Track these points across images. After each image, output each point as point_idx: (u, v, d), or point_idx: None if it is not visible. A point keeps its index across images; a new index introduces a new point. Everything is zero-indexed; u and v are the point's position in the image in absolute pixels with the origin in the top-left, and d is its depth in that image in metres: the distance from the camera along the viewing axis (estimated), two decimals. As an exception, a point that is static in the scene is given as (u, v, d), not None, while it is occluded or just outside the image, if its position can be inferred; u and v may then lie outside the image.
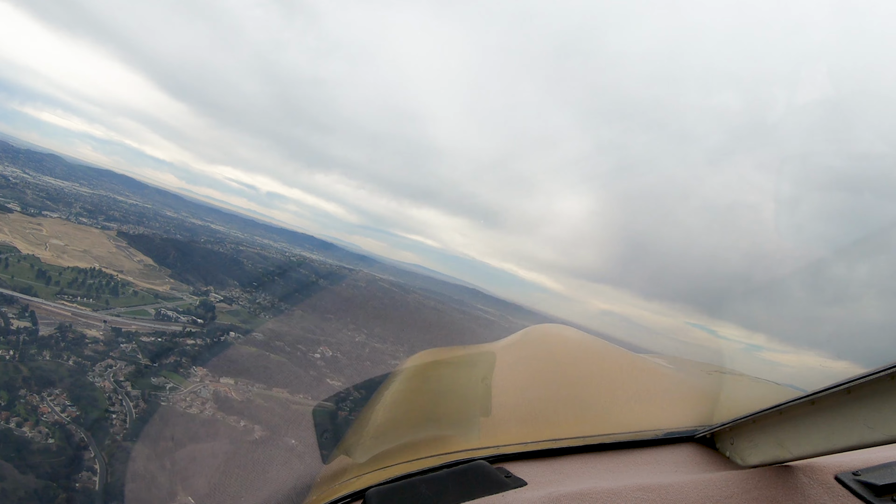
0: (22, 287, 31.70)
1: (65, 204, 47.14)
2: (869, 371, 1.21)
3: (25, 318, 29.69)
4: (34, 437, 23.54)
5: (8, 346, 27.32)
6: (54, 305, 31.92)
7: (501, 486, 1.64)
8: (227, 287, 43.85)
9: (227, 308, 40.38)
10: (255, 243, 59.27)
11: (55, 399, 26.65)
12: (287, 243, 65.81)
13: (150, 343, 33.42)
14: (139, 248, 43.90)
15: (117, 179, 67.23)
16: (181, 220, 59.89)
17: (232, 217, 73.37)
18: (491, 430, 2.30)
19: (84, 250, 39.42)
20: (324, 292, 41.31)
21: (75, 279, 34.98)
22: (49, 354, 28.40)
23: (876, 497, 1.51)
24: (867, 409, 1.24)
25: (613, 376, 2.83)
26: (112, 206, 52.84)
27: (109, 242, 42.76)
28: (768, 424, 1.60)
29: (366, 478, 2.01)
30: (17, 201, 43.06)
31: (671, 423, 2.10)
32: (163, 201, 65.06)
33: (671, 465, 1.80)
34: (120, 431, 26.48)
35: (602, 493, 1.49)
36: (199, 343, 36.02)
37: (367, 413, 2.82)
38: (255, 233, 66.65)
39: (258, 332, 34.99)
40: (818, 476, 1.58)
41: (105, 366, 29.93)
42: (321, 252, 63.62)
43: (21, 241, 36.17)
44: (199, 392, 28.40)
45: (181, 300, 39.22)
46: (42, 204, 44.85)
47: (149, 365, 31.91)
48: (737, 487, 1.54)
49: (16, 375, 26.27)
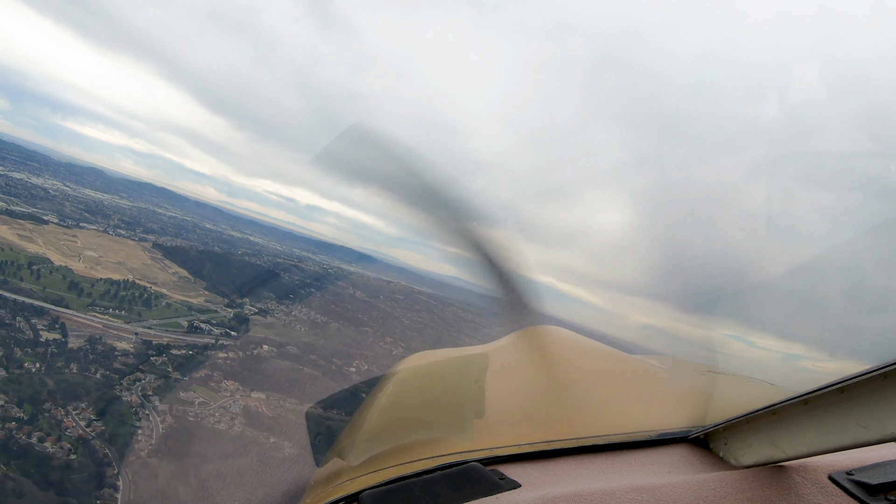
0: (53, 298, 31.38)
1: (103, 216, 47.33)
2: (862, 370, 1.22)
3: (55, 329, 29.24)
4: (56, 452, 22.97)
5: (35, 359, 26.79)
6: (85, 317, 31.49)
7: (495, 488, 1.65)
8: (263, 299, 43.05)
9: (261, 320, 39.63)
10: (293, 255, 58.91)
11: (80, 413, 25.99)
12: (325, 255, 65.24)
13: (181, 356, 32.64)
14: (174, 259, 43.64)
15: (157, 192, 67.69)
16: (220, 232, 59.86)
17: (271, 229, 73.31)
18: (484, 432, 2.26)
19: (118, 262, 39.19)
20: (360, 304, 41.12)
21: (108, 291, 34.61)
22: (76, 367, 27.80)
23: (870, 496, 1.52)
24: (860, 408, 1.25)
25: (607, 377, 2.82)
26: (151, 219, 52.97)
27: (144, 254, 42.56)
28: (762, 424, 1.62)
29: (360, 480, 2.02)
30: (56, 213, 43.26)
31: (665, 423, 2.11)
32: (202, 214, 65.15)
33: (665, 466, 1.81)
34: (145, 447, 25.60)
35: (596, 495, 1.51)
36: (231, 356, 35.09)
37: (361, 415, 2.81)
38: (294, 245, 66.23)
39: (292, 346, 34.70)
40: (812, 476, 1.59)
41: (133, 379, 29.22)
42: (360, 264, 62.66)
43: (55, 253, 36.04)
44: (229, 407, 27.75)
45: (215, 312, 38.61)
46: (80, 216, 45.04)
47: (178, 379, 31.04)
48: (731, 488, 1.56)
49: (41, 388, 25.69)
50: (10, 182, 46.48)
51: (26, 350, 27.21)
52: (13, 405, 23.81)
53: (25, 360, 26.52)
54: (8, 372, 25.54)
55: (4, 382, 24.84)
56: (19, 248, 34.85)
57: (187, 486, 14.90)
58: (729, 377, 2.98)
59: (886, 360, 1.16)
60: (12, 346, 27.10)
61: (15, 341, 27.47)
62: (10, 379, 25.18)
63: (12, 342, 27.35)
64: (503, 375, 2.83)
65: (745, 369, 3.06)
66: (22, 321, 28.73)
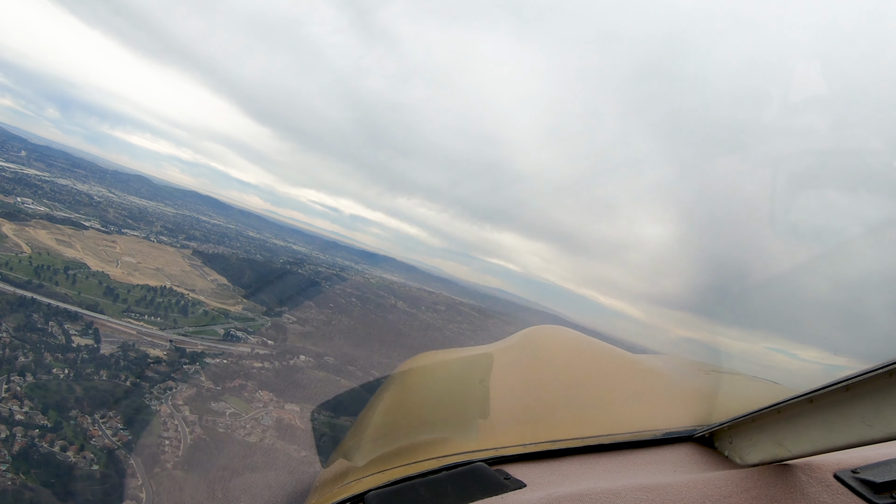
0: (88, 303, 31.17)
1: (146, 223, 47.83)
2: (867, 368, 1.22)
3: (88, 335, 28.87)
4: (78, 462, 22.41)
5: (65, 364, 26.27)
6: (119, 323, 31.18)
7: (500, 488, 1.66)
8: (302, 308, 42.37)
9: (299, 330, 39.01)
10: (336, 265, 58.96)
11: (107, 422, 25.28)
12: (368, 265, 65.42)
13: (215, 365, 31.95)
14: (214, 266, 43.51)
15: (202, 200, 68.66)
16: (263, 240, 60.27)
17: (314, 238, 73.77)
18: (489, 432, 2.29)
19: (156, 268, 39.05)
20: (402, 315, 41.56)
21: (144, 297, 34.34)
22: (106, 374, 27.16)
23: (875, 494, 1.51)
24: (866, 406, 1.25)
25: (611, 377, 2.82)
26: (194, 226, 53.43)
27: (184, 261, 42.48)
28: (767, 423, 1.63)
29: (365, 481, 2.05)
30: (98, 219, 43.67)
31: (670, 422, 2.11)
32: (246, 222, 65.75)
33: (670, 465, 1.82)
34: (172, 459, 24.90)
35: (601, 494, 1.51)
36: (267, 366, 34.41)
37: (366, 416, 2.84)
38: (337, 254, 66.56)
39: (330, 356, 34.59)
40: (817, 474, 1.59)
41: (164, 388, 28.58)
42: (402, 274, 62.82)
43: (92, 258, 36.02)
44: (261, 419, 27.20)
45: (252, 321, 38.10)
46: (123, 222, 45.50)
47: (211, 388, 30.29)
48: (736, 486, 1.56)
49: (68, 395, 25.17)
50: (56, 188, 47.27)
51: (56, 355, 26.85)
52: (37, 412, 23.29)
53: (55, 366, 26.14)
54: (35, 377, 25.14)
55: (31, 388, 24.42)
56: (56, 252, 34.92)
57: (213, 500, 14.35)
58: (733, 376, 2.99)
59: (892, 359, 1.15)
60: (43, 350, 26.75)
61: (46, 346, 27.13)
62: (37, 385, 24.74)
63: (43, 347, 27.02)
64: (508, 375, 2.83)
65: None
66: (55, 326, 28.47)
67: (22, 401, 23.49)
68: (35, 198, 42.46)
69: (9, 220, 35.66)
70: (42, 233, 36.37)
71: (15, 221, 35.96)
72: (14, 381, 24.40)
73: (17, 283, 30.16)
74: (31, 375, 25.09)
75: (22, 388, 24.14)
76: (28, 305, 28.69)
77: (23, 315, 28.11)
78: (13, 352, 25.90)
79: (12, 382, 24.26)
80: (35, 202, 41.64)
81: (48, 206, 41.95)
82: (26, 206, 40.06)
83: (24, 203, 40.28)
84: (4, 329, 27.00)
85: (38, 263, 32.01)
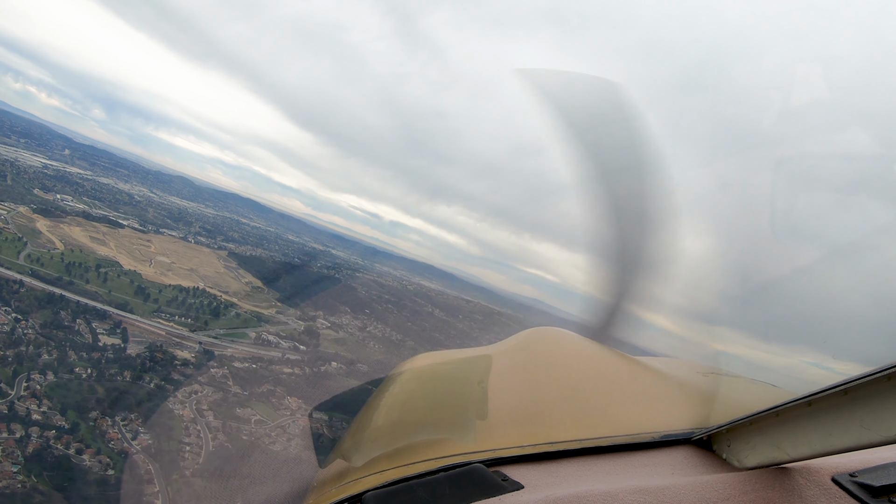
0: (118, 302, 30.97)
1: (185, 223, 48.15)
2: (866, 372, 1.23)
3: (116, 334, 28.57)
4: (92, 466, 21.80)
5: (88, 364, 25.82)
6: (149, 323, 30.88)
7: (498, 490, 1.65)
8: (337, 313, 41.74)
9: (333, 335, 38.30)
10: (374, 270, 58.56)
11: (128, 425, 24.60)
12: (407, 272, 65.03)
13: (244, 369, 31.34)
14: (249, 269, 43.30)
15: (243, 202, 69.39)
16: (302, 244, 60.44)
17: (354, 243, 73.85)
18: (487, 434, 2.28)
19: (190, 269, 38.87)
20: (438, 323, 41.46)
21: (175, 297, 34.05)
22: (130, 375, 26.54)
23: (873, 498, 1.52)
24: (864, 410, 1.26)
25: (610, 379, 2.82)
26: (233, 228, 53.73)
27: (219, 262, 42.31)
28: (765, 426, 1.63)
29: (363, 481, 2.03)
30: (137, 218, 44.02)
31: (668, 425, 2.09)
32: (286, 225, 66.11)
33: (668, 468, 1.81)
34: (191, 465, 24.26)
35: (599, 496, 1.51)
36: (297, 372, 33.69)
37: (364, 416, 2.83)
38: (376, 260, 66.43)
39: (363, 363, 33.26)
40: (815, 478, 1.59)
41: (189, 391, 27.94)
42: (440, 282, 62.24)
43: (125, 257, 35.95)
44: (287, 427, 26.60)
45: (285, 324, 37.63)
46: (162, 221, 45.83)
47: (238, 393, 29.58)
48: (734, 489, 1.56)
49: (89, 396, 24.64)
50: (97, 186, 47.93)
51: (81, 354, 26.52)
52: (56, 412, 22.82)
53: (77, 365, 25.77)
54: (57, 376, 24.76)
55: (51, 387, 24.06)
56: (89, 249, 34.94)
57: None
58: (732, 379, 3.00)
59: (890, 363, 1.16)
60: (67, 348, 26.45)
61: (71, 344, 26.82)
62: (57, 384, 24.37)
63: (68, 345, 26.71)
64: (506, 376, 2.84)
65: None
66: (82, 324, 28.22)
67: (41, 400, 23.13)
68: (75, 195, 43.00)
69: (44, 217, 35.94)
70: (76, 230, 36.51)
71: (50, 218, 36.23)
72: (34, 379, 24.09)
73: (48, 279, 30.11)
74: (53, 374, 24.75)
75: (42, 387, 23.80)
76: (56, 302, 28.54)
77: (50, 312, 27.94)
78: (37, 349, 25.64)
79: (32, 381, 23.94)
80: (74, 199, 42.12)
81: (87, 203, 42.40)
82: (65, 203, 40.49)
83: (64, 200, 40.74)
84: (31, 325, 26.79)
85: (69, 260, 32.02)
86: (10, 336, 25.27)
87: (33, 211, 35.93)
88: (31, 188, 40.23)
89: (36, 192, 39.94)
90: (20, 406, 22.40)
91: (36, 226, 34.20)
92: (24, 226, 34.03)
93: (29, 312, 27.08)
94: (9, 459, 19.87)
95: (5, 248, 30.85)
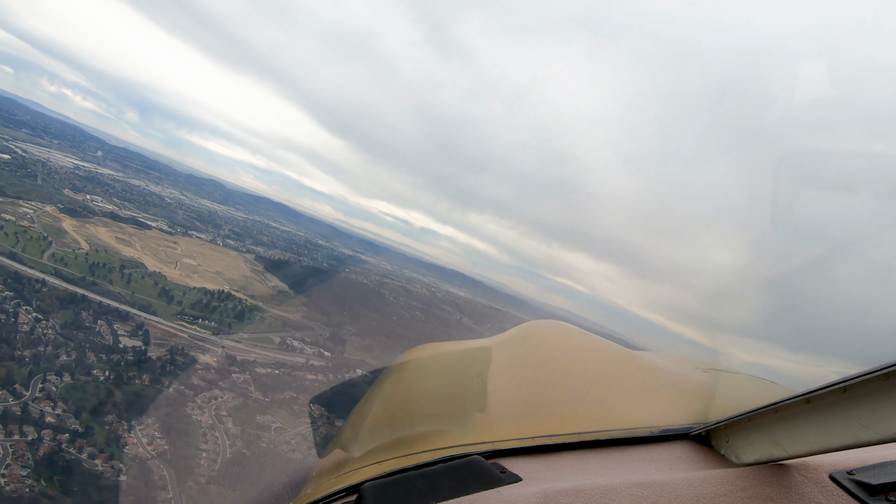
0: (141, 304, 30.69)
1: (214, 225, 48.26)
2: (865, 370, 1.22)
3: (137, 336, 28.25)
4: (105, 471, 21.11)
5: (107, 366, 25.41)
6: (171, 325, 30.56)
7: (496, 482, 1.63)
8: (364, 319, 41.00)
9: (359, 342, 37.63)
10: (403, 276, 58.14)
11: (145, 429, 24.11)
12: (436, 278, 64.58)
13: (266, 375, 30.74)
14: (276, 273, 43.03)
15: (274, 207, 69.67)
16: (331, 249, 60.40)
17: (383, 249, 73.62)
18: (486, 426, 2.28)
19: (216, 272, 38.64)
20: (467, 332, 41.19)
21: (199, 300, 33.74)
22: (149, 378, 26.05)
23: (870, 496, 1.49)
24: (863, 408, 1.25)
25: (609, 373, 2.78)
26: (263, 231, 53.78)
27: (245, 266, 42.09)
28: (764, 423, 1.60)
29: (361, 472, 2.05)
30: (166, 220, 44.16)
31: (666, 420, 2.07)
32: (316, 230, 66.14)
33: (666, 463, 1.80)
34: (207, 473, 23.70)
35: (597, 490, 1.50)
36: (321, 379, 32.96)
37: (363, 407, 2.88)
38: (405, 266, 66.12)
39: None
40: (813, 475, 1.56)
41: (209, 396, 27.39)
42: (469, 289, 61.42)
43: (151, 258, 35.82)
44: (309, 435, 25.40)
45: (311, 330, 37.14)
46: (191, 224, 45.95)
47: (259, 399, 28.97)
48: (732, 485, 1.54)
49: (106, 399, 24.13)
50: (128, 188, 48.36)
51: (100, 356, 26.14)
52: (70, 415, 22.39)
53: (96, 367, 25.35)
54: (74, 378, 24.38)
55: (67, 389, 23.71)
56: (114, 250, 34.86)
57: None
58: (731, 375, 2.99)
59: (890, 361, 1.14)
60: (87, 350, 26.11)
61: (91, 345, 26.52)
62: (73, 386, 24.04)
63: (88, 346, 26.41)
64: (506, 369, 2.82)
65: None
66: (103, 325, 27.94)
67: (56, 402, 22.83)
68: (105, 196, 43.31)
69: (70, 216, 36.03)
70: (102, 230, 36.49)
71: (76, 217, 36.31)
72: (50, 380, 23.80)
73: (70, 279, 30.00)
74: (70, 376, 24.45)
75: (58, 389, 23.50)
76: (78, 303, 28.36)
77: (71, 312, 27.74)
78: (55, 349, 25.40)
79: (48, 382, 23.61)
80: (104, 200, 42.38)
81: (117, 204, 42.64)
82: (94, 203, 40.74)
83: (93, 200, 41.02)
84: (50, 325, 26.58)
85: (93, 261, 31.90)
86: (29, 336, 25.10)
87: (60, 210, 36.09)
88: (62, 188, 40.64)
89: (66, 192, 40.33)
90: (34, 408, 22.11)
91: (62, 225, 34.28)
92: (50, 225, 34.15)
93: (50, 312, 26.91)
94: (19, 462, 19.59)
95: (30, 246, 30.93)
